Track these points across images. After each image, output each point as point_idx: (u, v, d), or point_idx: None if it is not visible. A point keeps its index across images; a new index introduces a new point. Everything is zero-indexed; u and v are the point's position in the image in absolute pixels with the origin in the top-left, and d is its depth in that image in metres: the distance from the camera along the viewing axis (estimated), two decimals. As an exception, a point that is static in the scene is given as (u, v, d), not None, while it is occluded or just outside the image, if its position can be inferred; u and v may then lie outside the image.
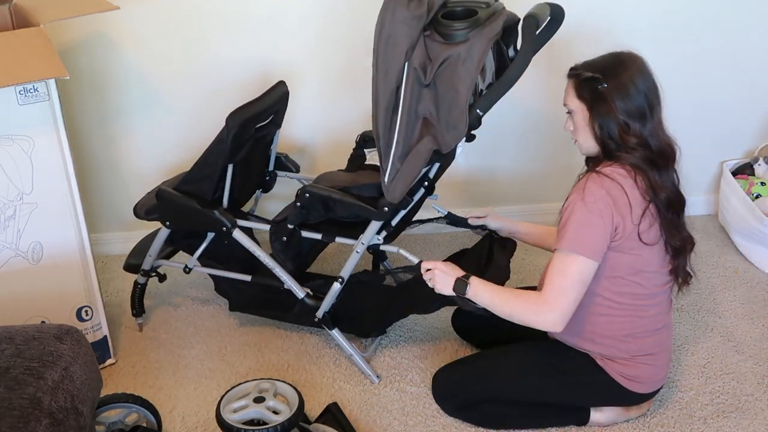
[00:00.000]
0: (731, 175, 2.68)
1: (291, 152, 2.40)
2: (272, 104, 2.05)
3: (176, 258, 2.28)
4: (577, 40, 2.43)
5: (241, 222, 2.04)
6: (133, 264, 2.25)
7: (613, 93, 1.63)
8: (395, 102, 1.64)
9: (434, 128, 1.67)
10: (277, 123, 2.17)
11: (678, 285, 1.79)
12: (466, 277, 1.77)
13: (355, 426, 1.90)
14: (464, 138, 1.68)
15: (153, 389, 2.08)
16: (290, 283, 2.05)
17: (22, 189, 1.89)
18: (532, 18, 1.59)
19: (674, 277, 1.77)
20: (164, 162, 2.59)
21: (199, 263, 2.17)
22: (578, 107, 1.69)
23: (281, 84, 2.13)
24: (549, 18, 1.71)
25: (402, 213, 1.98)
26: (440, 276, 1.79)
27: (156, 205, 2.04)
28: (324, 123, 2.61)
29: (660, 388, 1.89)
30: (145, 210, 2.09)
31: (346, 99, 2.55)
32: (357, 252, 1.93)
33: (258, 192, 2.35)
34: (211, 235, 2.11)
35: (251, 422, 1.70)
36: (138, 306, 2.32)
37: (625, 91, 1.64)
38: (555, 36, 1.79)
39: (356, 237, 1.92)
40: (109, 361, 2.18)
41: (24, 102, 1.81)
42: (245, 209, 2.36)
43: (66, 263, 1.99)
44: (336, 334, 2.09)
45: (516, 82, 1.62)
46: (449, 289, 1.77)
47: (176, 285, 2.53)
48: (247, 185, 2.23)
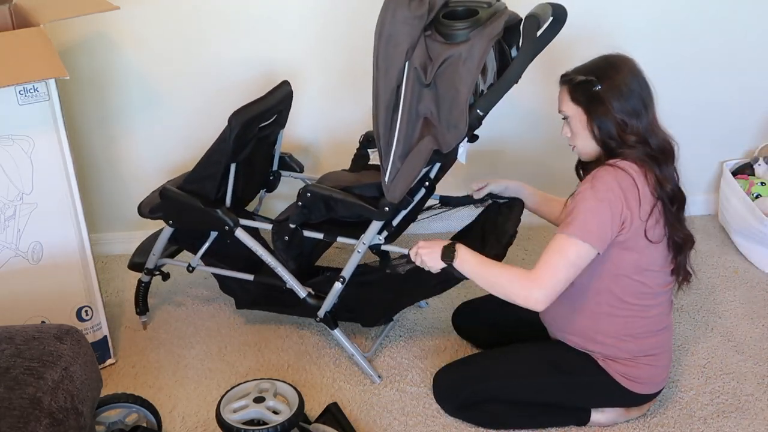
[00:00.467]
0: (731, 175, 2.68)
1: (295, 152, 2.39)
2: (276, 104, 2.04)
3: (180, 257, 2.28)
4: (576, 41, 2.43)
5: (244, 221, 2.04)
6: (138, 262, 2.26)
7: (608, 93, 1.64)
8: (396, 101, 1.64)
9: (435, 128, 1.67)
10: (281, 123, 2.17)
11: (678, 283, 1.79)
12: (452, 245, 1.74)
13: (355, 426, 1.90)
14: (466, 138, 1.68)
15: (153, 389, 2.08)
16: (292, 283, 2.05)
17: (22, 189, 1.89)
18: (534, 18, 1.58)
19: (675, 276, 1.77)
20: (165, 162, 2.59)
21: (203, 262, 2.18)
22: (574, 111, 1.69)
23: (285, 84, 2.12)
24: (551, 18, 1.71)
25: (403, 213, 1.98)
26: (425, 252, 1.76)
27: (160, 204, 2.05)
28: (327, 123, 2.61)
29: (661, 390, 1.89)
30: (150, 208, 2.10)
31: (350, 99, 2.55)
32: (358, 252, 1.93)
33: (262, 192, 2.35)
34: (214, 235, 2.11)
35: (251, 422, 1.70)
36: (142, 304, 2.32)
37: (620, 91, 1.64)
38: (555, 37, 1.79)
39: (358, 237, 1.92)
40: (109, 361, 2.18)
41: (24, 102, 1.81)
42: (250, 209, 2.36)
43: (66, 263, 1.99)
44: (338, 334, 2.09)
45: (516, 82, 1.62)
46: (439, 262, 1.74)
47: (177, 285, 2.53)
48: (251, 185, 2.23)
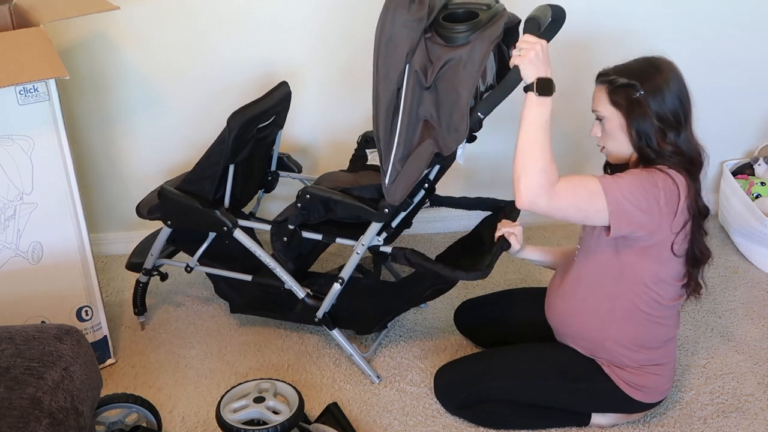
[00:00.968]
0: (731, 175, 2.68)
1: (293, 152, 2.39)
2: (274, 105, 2.05)
3: (178, 257, 2.28)
4: (576, 42, 2.43)
5: (242, 222, 2.04)
6: (135, 263, 2.26)
7: (650, 100, 1.60)
8: (396, 104, 1.63)
9: (435, 131, 1.66)
10: (279, 123, 2.17)
11: (688, 295, 1.76)
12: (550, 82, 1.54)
13: (355, 426, 1.90)
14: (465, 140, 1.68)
15: (153, 389, 2.08)
16: (291, 283, 2.05)
17: (22, 189, 1.89)
18: (533, 20, 1.58)
19: (686, 289, 1.75)
20: (164, 162, 2.59)
21: (200, 263, 2.18)
22: (612, 114, 1.64)
23: (283, 84, 2.13)
24: (550, 19, 1.70)
25: (402, 215, 1.98)
26: (533, 54, 1.51)
27: (158, 204, 2.05)
28: (326, 123, 2.61)
29: (662, 400, 1.88)
30: (148, 209, 2.09)
31: (348, 99, 2.55)
32: (357, 253, 1.93)
33: (260, 192, 2.35)
34: (213, 235, 2.11)
35: (251, 422, 1.71)
36: (140, 305, 2.32)
37: (662, 98, 1.60)
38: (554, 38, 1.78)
39: (357, 238, 1.92)
40: (109, 361, 2.18)
41: (24, 102, 1.81)
42: (247, 209, 2.36)
43: (66, 263, 1.99)
44: (336, 334, 2.09)
45: (517, 85, 1.62)
46: (532, 75, 1.52)
47: (177, 285, 2.53)
48: (249, 185, 2.23)
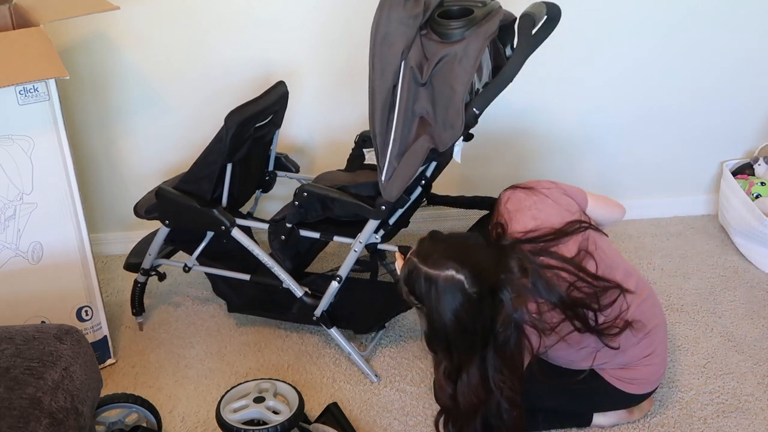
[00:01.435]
0: (731, 175, 2.67)
1: (290, 152, 2.40)
2: (271, 104, 2.05)
3: (176, 257, 2.28)
4: (576, 43, 2.44)
5: (240, 221, 2.04)
6: (133, 263, 2.26)
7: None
8: (392, 101, 1.64)
9: (431, 127, 1.66)
10: (277, 123, 2.18)
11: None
12: None
13: (355, 426, 1.90)
14: (462, 137, 1.68)
15: (153, 389, 2.08)
16: (289, 282, 2.05)
17: (22, 189, 1.90)
18: (529, 17, 1.58)
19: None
20: (164, 162, 2.60)
21: (198, 263, 2.18)
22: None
23: (281, 84, 2.13)
24: (545, 17, 1.71)
25: (399, 212, 1.99)
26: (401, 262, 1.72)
27: (155, 204, 2.05)
28: (323, 123, 2.61)
29: (657, 387, 1.86)
30: (145, 209, 2.10)
31: (346, 99, 2.55)
32: (355, 251, 1.93)
33: (258, 192, 2.35)
34: (211, 235, 2.11)
35: (251, 422, 1.71)
36: (138, 305, 2.32)
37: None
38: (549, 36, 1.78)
39: (354, 236, 1.93)
40: (109, 361, 2.18)
41: (24, 102, 1.81)
42: (245, 209, 2.36)
43: (66, 263, 2.00)
44: (334, 333, 2.09)
45: (512, 81, 1.62)
46: None
47: (176, 285, 2.54)
48: (247, 185, 2.23)
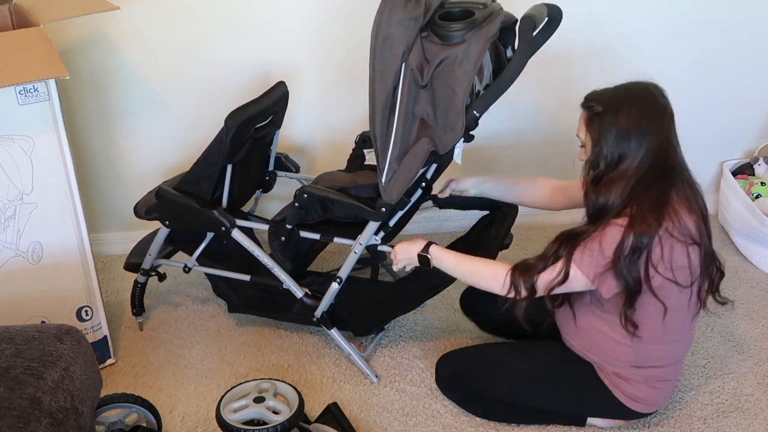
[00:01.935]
0: (731, 175, 2.67)
1: (290, 152, 2.40)
2: (272, 104, 2.05)
3: (176, 257, 2.28)
4: (575, 42, 2.43)
5: (240, 222, 2.04)
6: (133, 263, 2.26)
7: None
8: (392, 103, 1.63)
9: (431, 129, 1.66)
10: (277, 123, 2.18)
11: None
12: (425, 249, 1.78)
13: (355, 426, 1.90)
14: (462, 139, 1.68)
15: (153, 389, 2.08)
16: (289, 283, 2.05)
17: (22, 189, 1.89)
18: (529, 19, 1.58)
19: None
20: (164, 162, 2.60)
21: (198, 263, 2.18)
22: (588, 140, 1.64)
23: (281, 84, 2.13)
24: (546, 19, 1.70)
25: (400, 213, 1.99)
26: (401, 253, 1.82)
27: (155, 205, 2.05)
28: (323, 123, 2.61)
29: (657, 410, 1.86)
30: (145, 209, 2.09)
31: (346, 99, 2.55)
32: (355, 252, 1.93)
33: (258, 192, 2.35)
34: (211, 235, 2.11)
35: (251, 422, 1.71)
36: (138, 305, 2.32)
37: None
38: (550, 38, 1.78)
39: (354, 237, 1.92)
40: (109, 361, 2.18)
41: (24, 102, 1.81)
42: (245, 209, 2.36)
43: (66, 263, 2.00)
44: (335, 333, 2.09)
45: (513, 83, 1.62)
46: (416, 261, 1.80)
47: (176, 285, 2.54)
48: (247, 185, 2.23)
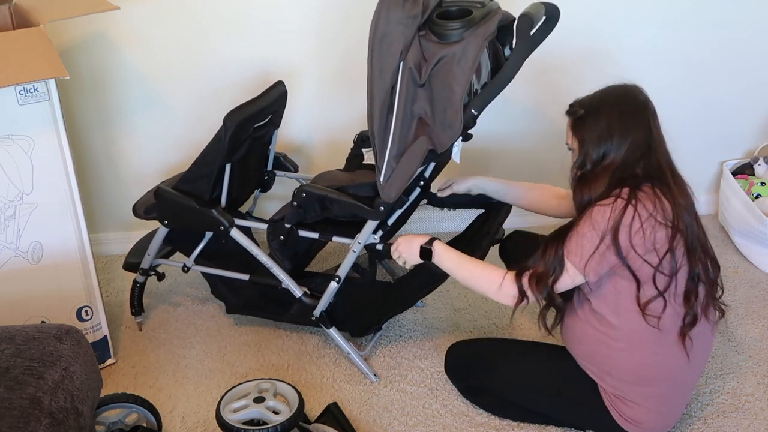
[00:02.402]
0: (731, 175, 2.67)
1: (289, 152, 2.40)
2: (270, 104, 2.05)
3: (175, 257, 2.28)
4: (576, 44, 2.44)
5: (239, 221, 2.04)
6: (132, 263, 2.26)
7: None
8: (390, 101, 1.64)
9: (429, 128, 1.66)
10: (276, 123, 2.18)
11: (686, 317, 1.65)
12: (429, 243, 1.77)
13: (355, 426, 1.90)
14: (460, 137, 1.68)
15: (153, 389, 2.08)
16: (288, 282, 2.05)
17: (22, 189, 1.90)
18: (527, 17, 1.58)
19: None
20: (164, 162, 2.60)
21: (197, 263, 2.18)
22: (575, 146, 1.65)
23: (279, 84, 2.13)
24: (544, 17, 1.71)
25: (398, 212, 1.99)
26: (403, 244, 1.80)
27: (154, 204, 2.05)
28: (322, 123, 2.61)
29: None
30: (144, 209, 2.09)
31: (344, 99, 2.55)
32: (354, 251, 1.93)
33: (257, 192, 2.36)
34: (209, 235, 2.11)
35: (251, 422, 1.70)
36: (137, 305, 2.32)
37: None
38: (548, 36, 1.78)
39: (353, 236, 1.92)
40: (109, 361, 2.18)
41: (24, 102, 1.81)
42: (244, 209, 2.36)
43: (66, 263, 2.00)
44: (334, 333, 2.09)
45: (510, 82, 1.62)
46: (416, 256, 1.78)
47: (176, 284, 2.54)
48: (246, 185, 2.23)
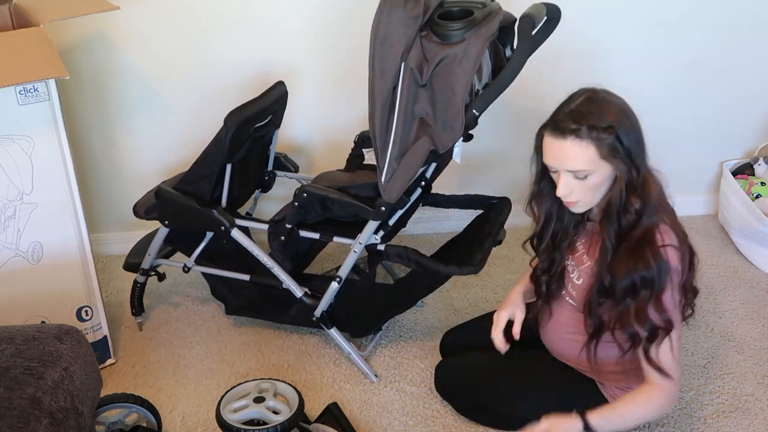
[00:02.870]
0: (731, 175, 2.67)
1: (289, 152, 2.40)
2: (271, 104, 2.05)
3: (176, 257, 2.28)
4: (576, 44, 2.44)
5: (240, 221, 2.04)
6: (133, 263, 2.26)
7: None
8: (392, 102, 1.64)
9: (431, 128, 1.66)
10: (276, 123, 2.18)
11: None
12: (587, 426, 1.56)
13: (355, 426, 1.90)
14: (461, 138, 1.68)
15: (153, 389, 2.08)
16: (289, 283, 2.05)
17: (22, 189, 1.90)
18: (528, 18, 1.58)
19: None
20: (164, 162, 2.60)
21: (197, 263, 2.18)
22: (602, 167, 1.50)
23: (280, 84, 2.13)
24: (545, 18, 1.71)
25: (399, 213, 1.99)
26: (555, 430, 1.57)
27: (155, 204, 2.05)
28: (322, 123, 2.61)
29: None
30: (145, 209, 2.09)
31: (345, 99, 2.55)
32: (354, 252, 1.93)
33: (257, 192, 2.35)
34: (210, 235, 2.11)
35: (251, 422, 1.71)
36: (137, 305, 2.32)
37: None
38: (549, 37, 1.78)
39: (354, 236, 1.92)
40: (109, 361, 2.18)
41: (24, 102, 1.81)
42: (244, 209, 2.36)
43: (66, 263, 2.00)
44: (334, 333, 2.09)
45: (512, 82, 1.62)
46: None
47: (176, 285, 2.54)
48: (246, 185, 2.23)
